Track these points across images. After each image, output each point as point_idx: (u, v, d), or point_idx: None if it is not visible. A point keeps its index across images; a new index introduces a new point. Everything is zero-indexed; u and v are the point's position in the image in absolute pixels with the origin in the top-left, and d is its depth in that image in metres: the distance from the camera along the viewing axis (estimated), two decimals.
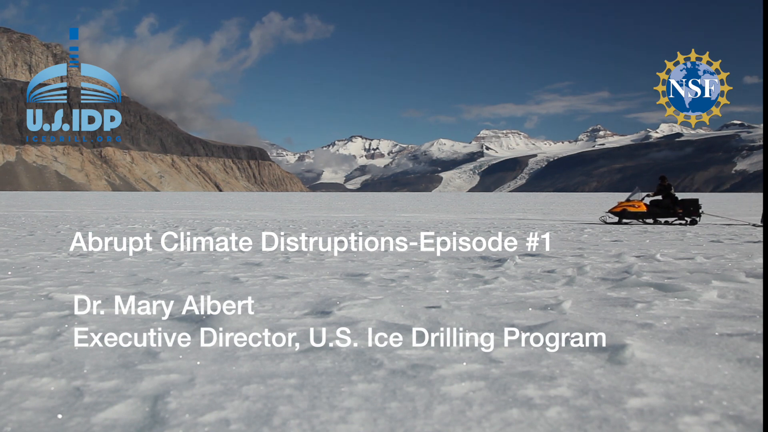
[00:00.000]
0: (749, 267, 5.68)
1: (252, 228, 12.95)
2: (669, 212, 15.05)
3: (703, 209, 15.12)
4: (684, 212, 14.93)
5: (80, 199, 55.17)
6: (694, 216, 14.87)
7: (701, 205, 15.02)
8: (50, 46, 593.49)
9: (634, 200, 15.40)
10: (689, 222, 14.85)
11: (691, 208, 14.88)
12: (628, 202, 15.32)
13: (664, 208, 15.14)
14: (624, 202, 15.46)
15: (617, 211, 15.32)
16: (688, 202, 15.02)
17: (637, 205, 15.15)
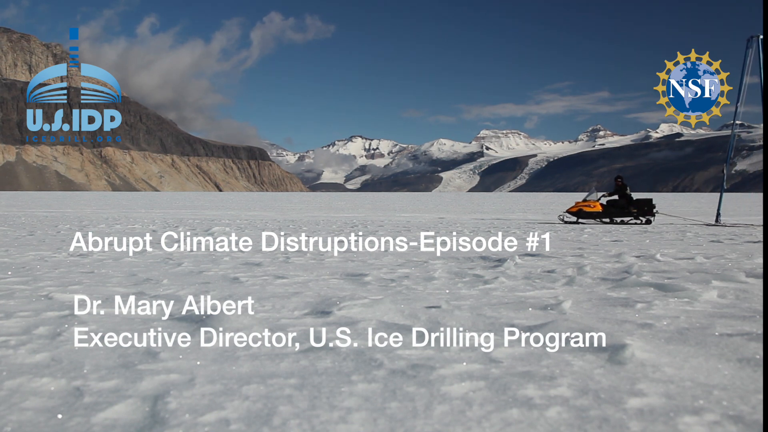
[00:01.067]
0: (749, 267, 5.68)
1: (252, 228, 12.95)
2: (624, 212, 15.40)
3: (657, 209, 15.50)
4: (639, 212, 15.31)
5: (80, 199, 55.17)
6: (649, 216, 15.24)
7: (655, 205, 15.41)
8: (50, 46, 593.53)
9: (590, 200, 15.80)
10: (644, 222, 15.17)
11: (645, 208, 15.26)
12: (585, 202, 15.72)
13: (619, 208, 15.49)
14: (581, 202, 15.86)
15: (574, 211, 15.70)
16: (643, 202, 15.40)
17: (593, 205, 15.55)
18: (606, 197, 15.78)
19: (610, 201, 15.65)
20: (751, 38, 14.52)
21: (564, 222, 15.61)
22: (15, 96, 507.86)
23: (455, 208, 31.25)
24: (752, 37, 14.50)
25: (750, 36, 14.60)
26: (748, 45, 14.61)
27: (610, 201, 15.65)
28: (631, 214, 15.30)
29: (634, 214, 15.28)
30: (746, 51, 14.64)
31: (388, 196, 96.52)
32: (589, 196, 16.02)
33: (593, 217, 15.50)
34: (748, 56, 14.59)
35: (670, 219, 17.00)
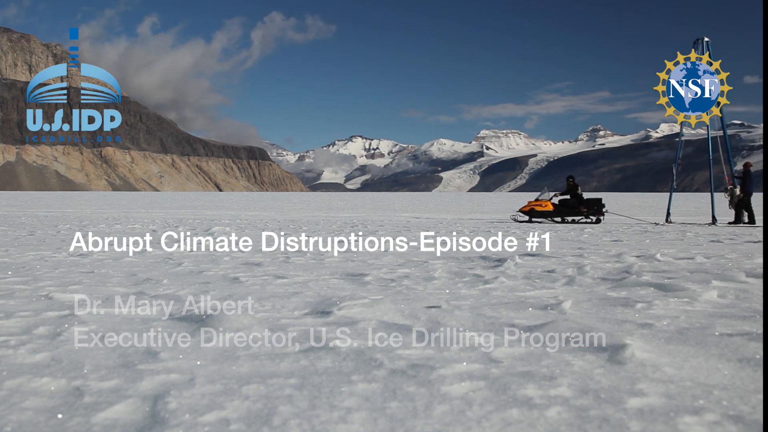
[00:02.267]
0: (749, 267, 5.68)
1: (252, 228, 12.95)
2: (574, 211, 15.82)
3: (606, 208, 15.96)
4: (589, 211, 15.73)
5: (80, 199, 55.17)
6: (598, 215, 15.66)
7: (604, 204, 15.86)
8: (50, 46, 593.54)
9: (542, 200, 16.19)
10: (594, 221, 15.57)
11: (595, 207, 15.71)
12: (537, 202, 16.11)
13: (570, 207, 15.91)
14: (533, 201, 16.23)
15: (526, 210, 16.11)
16: (592, 201, 15.85)
17: (545, 205, 15.96)
18: (558, 197, 16.20)
19: (561, 200, 16.07)
20: (698, 40, 15.07)
21: (516, 221, 16.04)
22: (15, 96, 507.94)
23: (455, 208, 31.26)
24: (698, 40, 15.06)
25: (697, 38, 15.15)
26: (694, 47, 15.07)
27: (561, 200, 16.07)
28: (581, 213, 15.72)
29: (584, 213, 15.70)
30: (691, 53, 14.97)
31: (388, 196, 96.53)
32: (541, 196, 16.43)
33: (545, 216, 15.91)
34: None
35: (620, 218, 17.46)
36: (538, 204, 15.99)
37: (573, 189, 16.02)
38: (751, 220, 14.48)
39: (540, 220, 15.94)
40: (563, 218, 15.86)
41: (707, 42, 15.00)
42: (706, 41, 15.02)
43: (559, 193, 16.18)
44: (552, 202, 16.07)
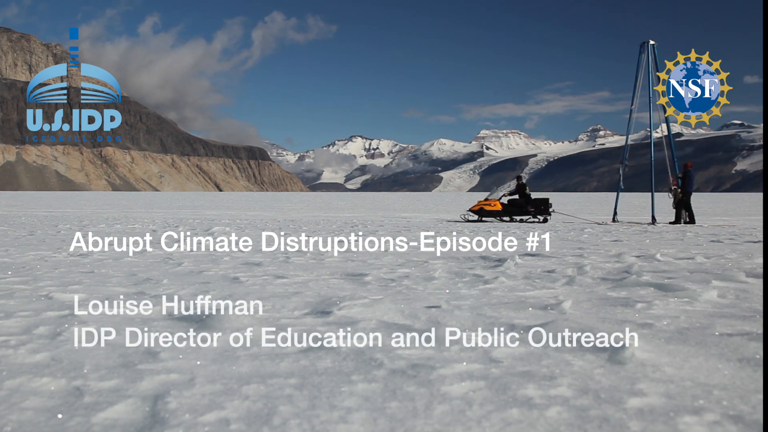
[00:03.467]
0: (749, 267, 5.68)
1: (252, 228, 12.95)
2: (522, 211, 16.16)
3: (553, 208, 16.32)
4: (536, 210, 16.08)
5: (80, 199, 55.17)
6: (545, 214, 16.01)
7: (551, 204, 16.21)
8: (50, 45, 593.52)
9: (491, 199, 16.52)
10: (542, 220, 15.94)
11: (542, 207, 16.05)
12: (486, 201, 16.44)
13: (518, 206, 16.26)
14: (482, 201, 16.54)
15: (476, 210, 16.43)
16: (540, 201, 16.18)
17: (494, 204, 16.31)
18: (507, 196, 16.54)
19: (510, 200, 16.41)
20: (644, 44, 15.58)
21: (466, 221, 16.33)
22: (15, 96, 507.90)
23: (455, 208, 31.24)
24: (644, 43, 15.58)
25: (643, 42, 15.66)
26: (641, 50, 15.66)
27: (510, 200, 16.41)
28: (529, 213, 16.07)
29: (532, 213, 16.06)
30: (639, 56, 15.70)
31: (388, 196, 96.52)
32: (491, 195, 16.75)
33: (494, 216, 16.28)
34: (641, 61, 15.63)
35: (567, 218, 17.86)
36: (488, 203, 16.36)
37: (521, 189, 16.40)
38: (691, 219, 14.82)
39: (490, 220, 16.32)
40: (511, 217, 16.27)
41: (653, 45, 15.48)
42: (652, 44, 15.50)
43: (508, 193, 16.54)
44: (501, 201, 16.46)
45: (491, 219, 16.35)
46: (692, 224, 14.51)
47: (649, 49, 15.49)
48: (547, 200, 16.31)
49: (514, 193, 16.42)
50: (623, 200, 15.60)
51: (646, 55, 15.59)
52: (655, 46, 15.52)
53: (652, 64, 15.51)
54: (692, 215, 14.84)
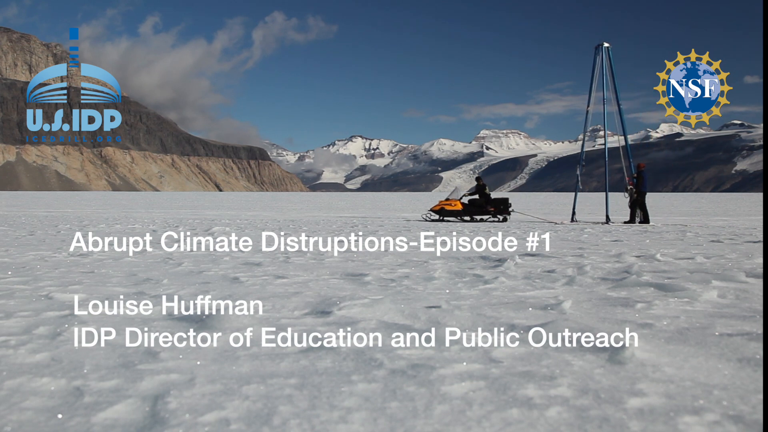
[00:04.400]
0: (749, 267, 5.68)
1: (252, 228, 12.95)
2: (482, 210, 16.49)
3: (513, 208, 16.72)
4: (496, 210, 16.43)
5: (80, 199, 55.17)
6: (505, 214, 16.36)
7: (511, 204, 16.57)
8: (50, 46, 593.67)
9: (452, 199, 16.82)
10: (501, 220, 16.32)
11: (501, 207, 16.40)
12: (447, 201, 16.75)
13: (478, 206, 16.57)
14: (443, 201, 16.84)
15: (437, 210, 16.75)
16: (499, 201, 16.56)
17: (454, 204, 16.61)
18: (467, 196, 16.89)
19: (470, 200, 16.74)
20: (599, 46, 15.91)
21: (427, 220, 16.67)
22: (15, 96, 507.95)
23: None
24: (599, 46, 15.91)
25: (597, 44, 15.96)
26: (596, 53, 15.95)
27: (470, 200, 16.74)
28: (489, 213, 16.41)
29: (492, 213, 16.39)
30: (594, 59, 16.00)
31: (388, 196, 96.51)
32: (452, 195, 17.02)
33: (454, 215, 16.57)
34: (596, 64, 15.96)
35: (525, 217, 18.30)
36: (449, 203, 16.66)
37: (481, 189, 16.74)
38: (645, 219, 15.05)
39: (451, 219, 16.60)
40: (472, 217, 16.57)
41: (607, 48, 15.84)
42: (606, 47, 15.86)
43: (468, 193, 16.87)
44: (462, 201, 16.77)
45: (452, 219, 16.67)
46: (646, 223, 14.80)
47: (603, 52, 15.84)
48: (507, 200, 16.71)
49: (474, 193, 16.81)
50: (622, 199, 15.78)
51: (601, 57, 15.91)
52: (610, 48, 15.91)
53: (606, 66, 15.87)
54: (646, 214, 15.13)
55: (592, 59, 16.02)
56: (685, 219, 18.30)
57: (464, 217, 16.57)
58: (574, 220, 16.22)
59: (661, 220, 17.00)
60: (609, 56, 15.85)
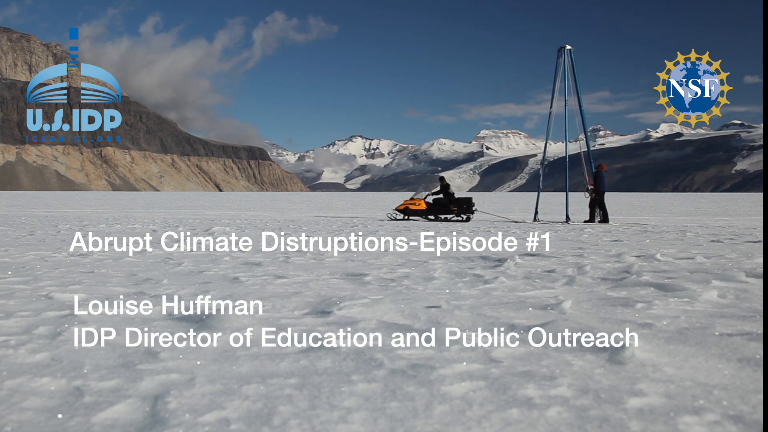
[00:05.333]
0: (749, 267, 5.68)
1: (252, 228, 12.95)
2: (446, 210, 16.83)
3: (476, 207, 17.06)
4: (459, 210, 16.76)
5: (80, 199, 55.18)
6: (468, 213, 16.70)
7: (474, 203, 16.86)
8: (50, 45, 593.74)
9: (416, 199, 17.18)
10: (465, 219, 16.65)
11: (465, 206, 16.74)
12: (412, 201, 17.12)
13: (442, 206, 16.92)
14: (408, 200, 17.22)
15: (401, 209, 17.14)
16: (462, 200, 16.88)
17: (418, 203, 16.96)
18: (431, 196, 17.21)
19: (435, 200, 17.05)
20: (561, 48, 16.28)
21: (392, 219, 17.01)
22: (15, 96, 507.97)
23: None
24: (562, 48, 16.28)
25: (560, 47, 16.33)
26: (559, 54, 16.31)
27: (435, 200, 17.05)
28: (452, 212, 16.74)
29: (455, 212, 16.72)
30: (557, 60, 16.37)
31: (388, 196, 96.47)
32: (416, 195, 17.39)
33: (419, 215, 16.93)
34: (559, 65, 16.33)
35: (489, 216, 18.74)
36: (413, 203, 16.99)
37: (445, 189, 17.05)
38: (604, 218, 15.38)
39: (416, 218, 16.90)
40: (436, 216, 16.85)
41: (569, 50, 16.22)
42: (569, 49, 16.25)
43: (432, 193, 17.14)
44: (426, 201, 17.08)
45: (417, 218, 16.99)
46: (605, 223, 15.14)
47: (566, 54, 16.19)
48: (470, 199, 17.02)
49: (438, 192, 17.08)
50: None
51: (563, 59, 16.24)
52: (572, 50, 16.27)
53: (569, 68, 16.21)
54: (605, 214, 15.45)
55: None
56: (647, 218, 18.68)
57: (428, 216, 16.88)
58: (536, 219, 16.57)
59: (621, 220, 17.41)
60: (571, 58, 16.22)
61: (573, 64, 16.19)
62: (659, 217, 19.89)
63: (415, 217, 16.97)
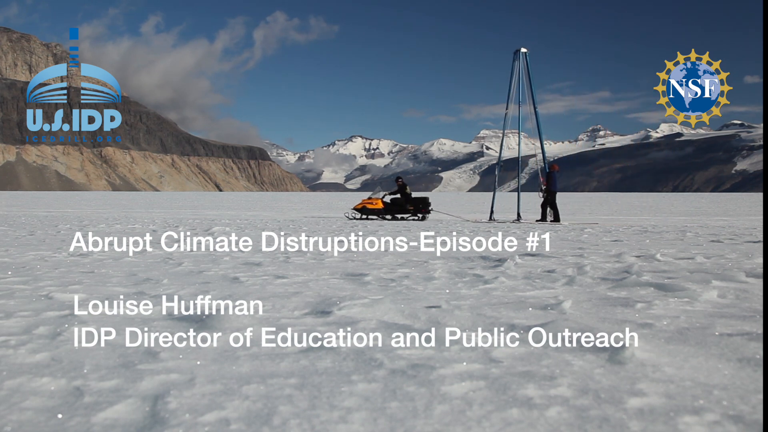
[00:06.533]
0: (749, 267, 5.68)
1: (252, 228, 12.95)
2: (402, 209, 17.16)
3: (432, 207, 17.40)
4: (415, 209, 17.09)
5: (80, 199, 55.17)
6: (424, 212, 17.04)
7: (430, 203, 17.25)
8: (50, 45, 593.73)
9: (374, 198, 17.52)
10: (420, 218, 16.97)
11: (420, 206, 17.09)
12: (369, 200, 17.47)
13: (398, 205, 17.25)
14: (366, 200, 17.57)
15: (359, 208, 17.44)
16: (418, 200, 17.26)
17: (376, 203, 17.30)
18: (389, 195, 17.52)
19: (392, 199, 17.38)
20: (517, 51, 16.68)
21: (350, 218, 17.23)
22: (15, 96, 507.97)
23: (455, 208, 31.22)
24: (517, 51, 16.69)
25: (516, 49, 16.75)
26: (515, 58, 16.70)
27: (392, 199, 17.38)
28: (409, 211, 17.06)
29: (411, 211, 17.05)
30: (513, 63, 16.79)
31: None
32: (374, 195, 17.71)
33: (376, 214, 17.23)
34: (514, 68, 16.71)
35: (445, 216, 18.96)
36: (370, 202, 17.32)
37: (402, 189, 17.31)
38: (556, 218, 15.71)
39: (373, 218, 17.16)
40: (393, 215, 17.12)
41: (525, 53, 16.56)
42: (524, 52, 16.58)
43: (389, 193, 17.42)
44: (383, 200, 17.37)
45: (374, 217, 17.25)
46: (557, 222, 15.46)
47: (521, 57, 16.51)
48: (426, 199, 17.35)
49: (395, 192, 17.33)
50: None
51: (519, 62, 16.55)
52: (527, 53, 16.61)
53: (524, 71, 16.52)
54: (557, 214, 15.77)
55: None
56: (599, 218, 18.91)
57: (385, 215, 17.15)
58: (492, 218, 16.88)
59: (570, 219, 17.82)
60: (527, 61, 16.49)
61: (528, 67, 16.51)
62: (659, 217, 19.90)
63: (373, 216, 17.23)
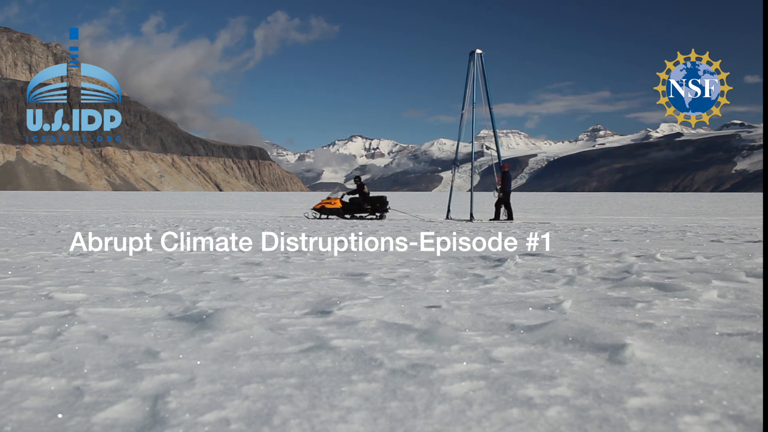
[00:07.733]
0: (749, 267, 5.68)
1: (252, 228, 12.95)
2: (361, 208, 17.37)
3: (390, 206, 17.64)
4: (372, 208, 17.32)
5: (80, 199, 55.18)
6: (382, 211, 17.27)
7: (388, 202, 17.67)
8: (50, 45, 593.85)
9: (333, 198, 17.72)
10: (378, 217, 17.22)
11: (378, 205, 17.32)
12: (328, 200, 17.65)
13: (356, 205, 17.45)
14: (325, 199, 17.75)
15: (318, 208, 17.62)
16: (376, 199, 17.48)
17: (334, 202, 17.48)
18: (348, 195, 17.78)
19: (351, 199, 17.59)
20: (473, 53, 16.89)
21: (310, 218, 17.37)
22: (15, 96, 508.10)
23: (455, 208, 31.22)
24: (473, 53, 16.90)
25: (471, 51, 16.97)
26: (470, 59, 16.90)
27: (351, 199, 17.59)
28: (366, 210, 17.29)
29: (369, 210, 17.27)
30: (468, 64, 17.01)
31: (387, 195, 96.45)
32: (333, 195, 17.94)
33: (335, 213, 17.38)
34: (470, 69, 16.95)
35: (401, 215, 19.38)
36: (329, 202, 17.50)
37: (360, 188, 17.55)
38: (509, 216, 16.13)
39: (333, 217, 17.32)
40: (352, 215, 17.29)
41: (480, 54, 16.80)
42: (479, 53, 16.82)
43: (348, 192, 17.68)
44: (342, 200, 17.55)
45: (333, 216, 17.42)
46: (510, 221, 15.81)
47: (476, 58, 16.74)
48: (383, 198, 17.53)
49: (354, 192, 17.55)
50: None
51: (474, 63, 16.78)
52: (482, 54, 16.84)
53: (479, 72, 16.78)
54: (510, 212, 16.21)
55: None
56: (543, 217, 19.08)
57: (344, 214, 17.26)
58: (449, 218, 17.17)
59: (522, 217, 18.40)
60: (482, 62, 16.72)
61: (483, 69, 16.70)
62: (659, 217, 19.91)
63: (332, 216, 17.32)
